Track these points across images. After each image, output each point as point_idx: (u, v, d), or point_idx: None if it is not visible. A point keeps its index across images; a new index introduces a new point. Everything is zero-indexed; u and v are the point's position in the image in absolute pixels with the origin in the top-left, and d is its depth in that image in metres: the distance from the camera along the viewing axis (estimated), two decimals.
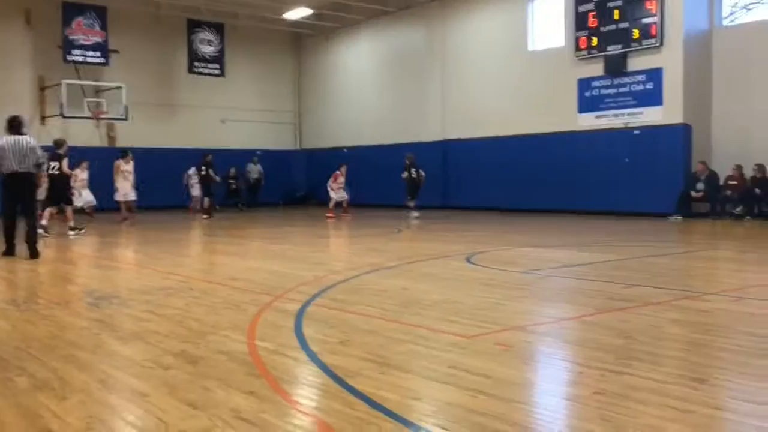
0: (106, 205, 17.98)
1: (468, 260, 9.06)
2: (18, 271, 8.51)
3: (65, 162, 13.54)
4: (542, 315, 5.80)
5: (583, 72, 18.86)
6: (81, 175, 17.87)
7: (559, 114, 19.26)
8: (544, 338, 4.85)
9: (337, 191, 19.34)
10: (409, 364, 4.06)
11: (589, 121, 18.86)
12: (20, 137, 9.75)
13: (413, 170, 18.48)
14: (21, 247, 9.72)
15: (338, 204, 19.25)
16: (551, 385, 3.80)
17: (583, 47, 18.71)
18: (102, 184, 17.87)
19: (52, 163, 13.04)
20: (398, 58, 24.04)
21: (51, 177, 12.80)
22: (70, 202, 13.82)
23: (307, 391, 3.69)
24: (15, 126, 9.87)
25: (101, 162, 18.70)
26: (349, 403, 3.36)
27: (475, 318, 5.35)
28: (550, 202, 19.20)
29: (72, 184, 15.20)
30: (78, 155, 19.19)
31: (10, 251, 9.75)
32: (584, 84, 18.92)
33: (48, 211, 13.67)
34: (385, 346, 4.51)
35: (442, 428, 3.02)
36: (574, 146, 19.00)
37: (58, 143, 13.86)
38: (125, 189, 17.47)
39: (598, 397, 3.38)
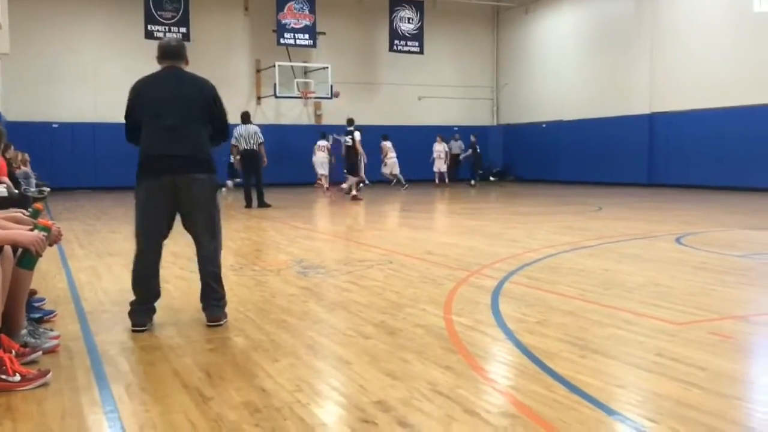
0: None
1: (677, 241, 8.44)
2: (237, 239, 9.28)
3: (357, 135, 16.44)
4: None
5: None
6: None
7: None
8: None
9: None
10: (612, 349, 3.86)
11: None
12: (249, 125, 14.27)
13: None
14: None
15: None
16: None
17: None
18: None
19: (347, 138, 16.63)
20: (602, 28, 22.81)
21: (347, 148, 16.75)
22: (353, 172, 16.76)
23: (504, 370, 3.64)
24: (245, 118, 14.42)
25: (309, 139, 21.29)
26: (548, 385, 3.27)
27: (685, 304, 4.97)
28: None
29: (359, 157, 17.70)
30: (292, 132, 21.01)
31: (249, 205, 14.20)
32: None
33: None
34: (585, 328, 4.33)
35: (650, 420, 2.84)
36: None
37: (350, 121, 17.04)
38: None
39: None
